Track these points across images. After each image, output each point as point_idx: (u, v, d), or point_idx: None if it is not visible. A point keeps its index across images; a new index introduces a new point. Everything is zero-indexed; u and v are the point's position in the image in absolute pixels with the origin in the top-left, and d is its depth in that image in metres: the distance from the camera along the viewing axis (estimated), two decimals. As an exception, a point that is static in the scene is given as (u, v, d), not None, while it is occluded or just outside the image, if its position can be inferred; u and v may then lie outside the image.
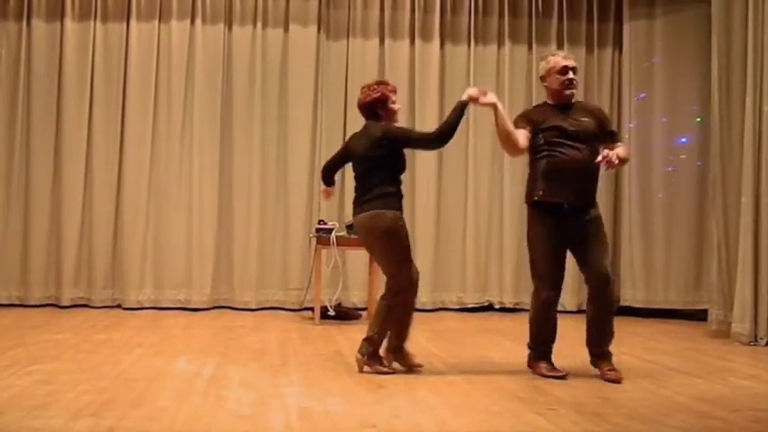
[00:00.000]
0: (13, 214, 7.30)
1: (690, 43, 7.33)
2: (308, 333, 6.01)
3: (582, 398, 3.95)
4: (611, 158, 4.27)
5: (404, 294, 4.48)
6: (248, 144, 7.54)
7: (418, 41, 7.79)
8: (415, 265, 4.55)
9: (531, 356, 4.57)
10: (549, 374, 4.40)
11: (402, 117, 7.65)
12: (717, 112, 6.32)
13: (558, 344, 4.57)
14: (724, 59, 6.28)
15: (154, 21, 7.47)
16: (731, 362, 5.13)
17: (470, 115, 7.79)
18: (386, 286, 4.50)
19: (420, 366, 4.55)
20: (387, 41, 7.76)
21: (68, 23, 7.39)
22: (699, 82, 7.21)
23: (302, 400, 3.77)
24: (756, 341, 5.79)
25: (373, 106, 4.56)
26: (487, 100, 4.44)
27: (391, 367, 4.48)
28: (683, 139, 7.47)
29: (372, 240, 4.52)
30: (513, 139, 4.45)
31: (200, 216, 7.45)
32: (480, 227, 7.81)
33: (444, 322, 7.01)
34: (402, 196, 4.55)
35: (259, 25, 7.61)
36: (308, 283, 7.07)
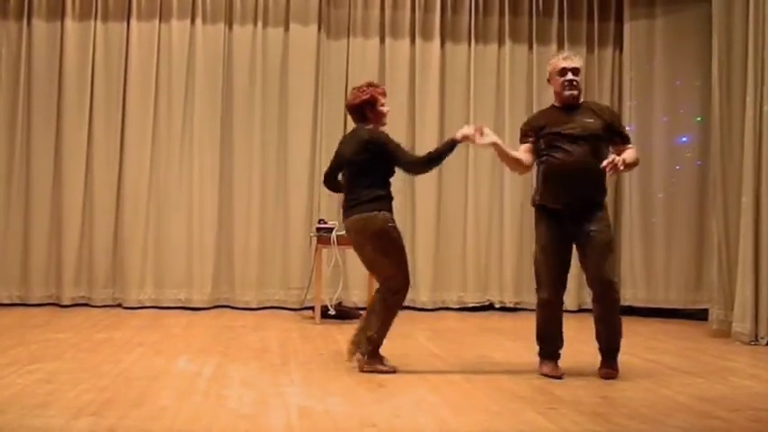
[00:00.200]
0: (14, 214, 7.31)
1: (690, 43, 7.32)
2: (309, 332, 6.01)
3: (582, 397, 3.95)
4: (616, 163, 4.24)
5: (403, 292, 4.49)
6: (249, 143, 7.55)
7: (419, 40, 7.79)
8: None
9: (538, 355, 4.58)
10: (545, 373, 4.41)
11: (403, 117, 7.76)
12: (717, 111, 6.32)
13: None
14: (724, 59, 6.28)
15: (154, 20, 7.48)
16: (732, 361, 5.13)
17: (470, 115, 7.80)
18: (384, 286, 4.50)
19: (394, 371, 4.49)
20: (387, 40, 7.76)
21: (69, 23, 7.39)
22: (699, 81, 7.21)
23: (303, 399, 3.77)
24: (757, 341, 5.79)
25: (362, 108, 4.57)
26: (484, 141, 4.47)
27: (390, 366, 4.47)
28: (683, 139, 7.47)
29: (364, 242, 4.52)
30: (519, 163, 4.60)
31: (201, 215, 7.45)
32: (481, 226, 7.81)
33: (445, 322, 7.01)
34: (392, 198, 4.55)
35: (259, 24, 7.61)
36: (308, 282, 7.07)
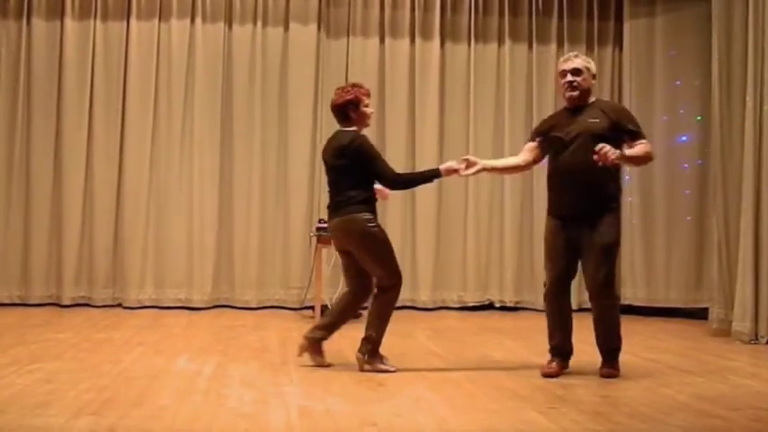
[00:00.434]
0: (14, 213, 7.30)
1: (690, 42, 7.32)
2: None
3: (582, 396, 3.96)
4: (605, 152, 4.15)
5: (395, 290, 4.49)
6: (248, 143, 7.54)
7: (418, 40, 7.78)
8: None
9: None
10: (542, 370, 4.43)
11: (402, 117, 7.76)
12: (717, 110, 6.32)
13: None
14: (724, 58, 6.28)
15: (154, 19, 7.47)
16: (732, 360, 5.13)
17: (470, 115, 7.80)
18: (377, 285, 4.53)
19: (328, 365, 4.54)
20: (387, 40, 7.76)
21: (68, 22, 7.39)
22: (699, 80, 7.21)
23: (303, 398, 3.77)
24: (757, 340, 5.79)
25: (345, 108, 4.57)
26: (470, 172, 4.56)
27: (390, 365, 4.47)
28: (683, 138, 7.47)
29: (349, 244, 4.56)
30: (514, 169, 4.97)
31: (201, 215, 7.45)
32: (481, 226, 7.80)
33: (445, 321, 7.01)
34: (374, 202, 4.57)
35: (259, 24, 7.61)
36: (308, 281, 7.07)
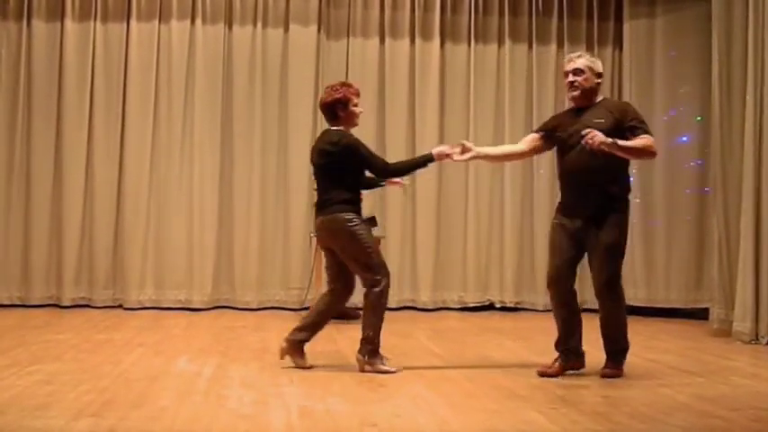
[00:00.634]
0: (14, 214, 7.31)
1: (690, 42, 7.32)
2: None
3: (583, 396, 3.95)
4: (592, 136, 4.15)
5: (383, 288, 4.48)
6: (249, 143, 7.54)
7: (418, 41, 7.79)
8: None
9: None
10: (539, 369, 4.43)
11: (403, 117, 7.76)
12: (717, 110, 6.32)
13: (553, 343, 4.54)
14: (724, 58, 6.28)
15: (154, 21, 7.48)
16: (732, 360, 5.12)
17: (470, 115, 7.80)
18: (365, 284, 4.54)
19: (310, 367, 4.54)
20: (387, 41, 7.76)
21: (68, 23, 7.39)
22: (699, 81, 7.21)
23: (303, 399, 3.77)
24: (757, 340, 5.79)
25: (334, 107, 4.56)
26: (466, 157, 4.55)
27: (391, 366, 4.48)
28: (683, 138, 7.47)
29: (332, 243, 4.58)
30: (509, 156, 5.06)
31: (201, 216, 7.45)
32: (481, 226, 7.80)
33: (445, 321, 7.01)
34: (358, 201, 4.57)
35: (259, 25, 7.61)
36: (308, 282, 7.07)
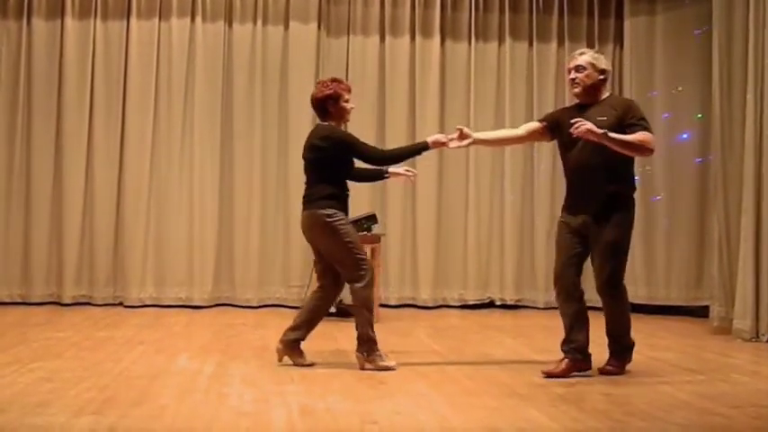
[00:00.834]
0: (15, 212, 7.30)
1: (691, 40, 7.32)
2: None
3: (583, 394, 3.96)
4: (578, 125, 4.16)
5: (367, 284, 4.48)
6: (249, 141, 7.54)
7: (419, 38, 7.78)
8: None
9: None
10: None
11: (402, 115, 7.75)
12: (718, 107, 6.32)
13: (553, 340, 4.54)
14: (725, 55, 6.27)
15: (154, 18, 7.47)
16: (733, 358, 5.13)
17: (471, 112, 7.80)
18: (348, 280, 4.55)
19: (311, 365, 4.55)
20: (387, 38, 7.75)
21: (68, 22, 7.39)
22: (700, 78, 7.20)
23: (303, 397, 3.78)
24: (758, 337, 5.79)
25: (324, 103, 4.58)
26: (461, 144, 4.55)
27: (389, 362, 4.49)
28: (684, 136, 7.46)
29: (312, 239, 4.61)
30: (508, 140, 5.10)
31: (202, 213, 7.45)
32: (481, 224, 7.80)
33: (446, 319, 7.01)
34: (342, 196, 4.57)
35: (259, 22, 7.60)
36: (308, 280, 7.06)
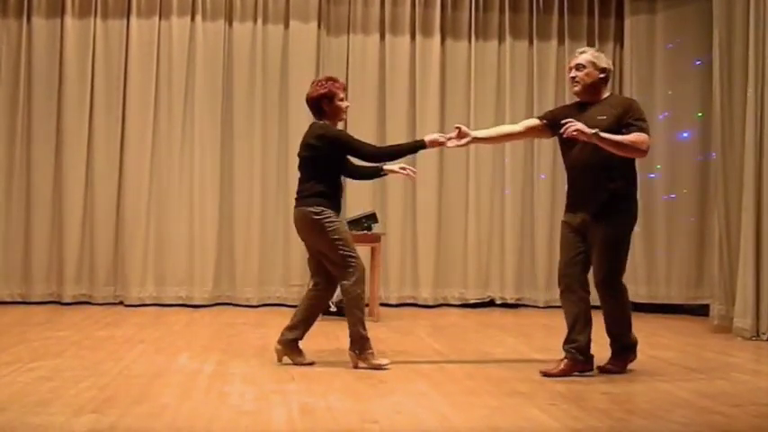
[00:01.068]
0: (15, 211, 7.30)
1: (691, 38, 7.31)
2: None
3: (583, 393, 3.96)
4: (566, 126, 4.18)
5: (357, 282, 4.49)
6: (249, 140, 7.54)
7: (419, 37, 7.77)
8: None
9: None
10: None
11: (402, 114, 7.75)
12: (718, 106, 6.32)
13: (553, 339, 4.54)
14: (725, 53, 6.27)
15: (154, 17, 7.46)
16: (733, 357, 5.13)
17: (471, 111, 7.80)
18: (338, 278, 4.56)
19: (312, 363, 4.55)
20: (387, 37, 7.75)
21: (68, 20, 7.38)
22: (700, 77, 7.20)
23: (304, 396, 3.78)
24: (758, 336, 5.79)
25: (319, 102, 4.59)
26: (460, 143, 4.55)
27: (382, 360, 4.50)
28: (684, 135, 7.46)
29: (305, 237, 4.65)
30: (508, 136, 5.02)
31: (202, 212, 7.44)
32: (482, 222, 7.80)
33: (446, 318, 7.01)
34: (334, 194, 4.58)
35: (259, 21, 7.60)
36: (308, 279, 7.06)
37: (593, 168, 4.33)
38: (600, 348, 4.49)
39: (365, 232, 6.59)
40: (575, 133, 4.18)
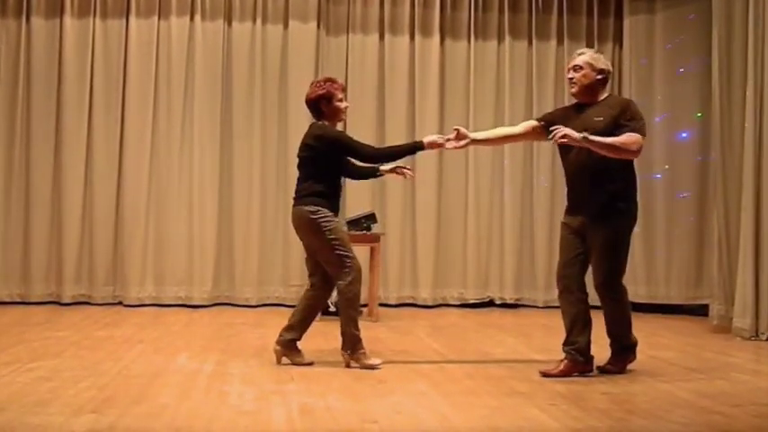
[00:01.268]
0: (14, 212, 7.29)
1: (690, 38, 7.31)
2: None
3: (583, 393, 3.95)
4: (554, 132, 4.19)
5: (353, 283, 4.49)
6: (248, 140, 7.54)
7: (418, 37, 7.77)
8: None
9: None
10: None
11: (402, 114, 7.75)
12: (717, 106, 6.32)
13: (553, 340, 4.54)
14: (725, 54, 6.27)
15: (153, 17, 7.46)
16: (732, 357, 5.12)
17: (470, 111, 7.80)
18: (334, 278, 4.56)
19: (311, 363, 4.55)
20: (387, 37, 7.75)
21: (68, 20, 7.38)
22: (699, 77, 7.20)
23: (303, 396, 3.77)
24: (757, 336, 5.79)
25: (317, 103, 4.60)
26: (458, 145, 4.54)
27: (374, 360, 4.52)
28: (683, 135, 7.46)
29: (302, 237, 4.66)
30: (507, 138, 5.01)
31: (201, 212, 7.44)
32: (481, 222, 7.80)
33: (445, 318, 7.01)
34: (331, 194, 4.58)
35: (258, 21, 7.60)
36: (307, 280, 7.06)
37: (590, 170, 4.32)
38: (599, 349, 4.49)
39: (364, 232, 6.59)
40: (564, 140, 4.19)
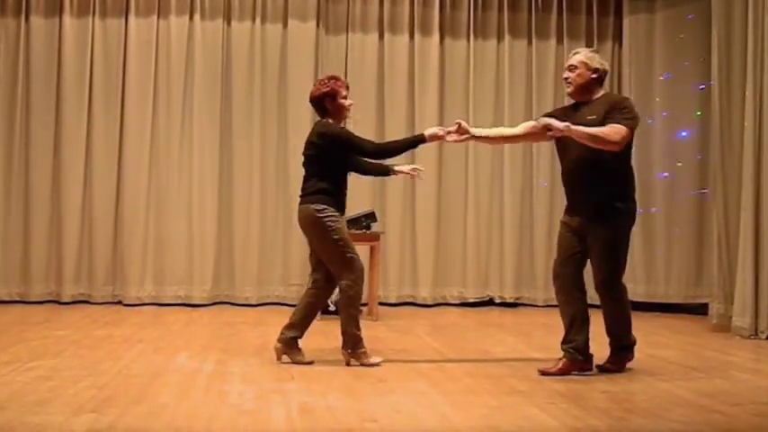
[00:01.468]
0: (14, 211, 7.30)
1: (690, 37, 7.31)
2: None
3: (583, 392, 3.96)
4: (541, 122, 4.24)
5: (355, 282, 4.51)
6: (248, 139, 7.54)
7: (417, 36, 7.77)
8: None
9: None
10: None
11: (401, 113, 7.75)
12: (717, 105, 6.32)
13: (552, 338, 4.54)
14: (724, 53, 6.27)
15: (152, 16, 7.46)
16: (732, 356, 5.13)
17: (470, 110, 7.80)
18: (336, 277, 4.58)
19: (311, 362, 4.56)
20: (386, 36, 7.74)
21: (67, 19, 7.38)
22: (699, 76, 7.20)
23: (303, 395, 3.78)
24: (757, 335, 5.80)
25: (321, 100, 4.62)
26: (459, 138, 4.55)
27: (374, 358, 4.53)
28: (683, 134, 7.46)
29: (305, 234, 4.68)
30: (506, 139, 5.06)
31: (201, 211, 7.44)
32: (481, 221, 7.80)
33: (445, 317, 7.01)
34: (337, 192, 4.58)
35: (258, 20, 7.60)
36: (308, 278, 7.06)
37: (588, 170, 4.31)
38: (599, 347, 4.49)
39: (364, 231, 6.59)
40: (551, 132, 4.20)
